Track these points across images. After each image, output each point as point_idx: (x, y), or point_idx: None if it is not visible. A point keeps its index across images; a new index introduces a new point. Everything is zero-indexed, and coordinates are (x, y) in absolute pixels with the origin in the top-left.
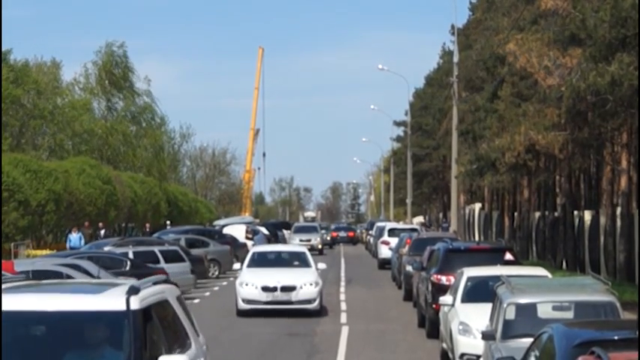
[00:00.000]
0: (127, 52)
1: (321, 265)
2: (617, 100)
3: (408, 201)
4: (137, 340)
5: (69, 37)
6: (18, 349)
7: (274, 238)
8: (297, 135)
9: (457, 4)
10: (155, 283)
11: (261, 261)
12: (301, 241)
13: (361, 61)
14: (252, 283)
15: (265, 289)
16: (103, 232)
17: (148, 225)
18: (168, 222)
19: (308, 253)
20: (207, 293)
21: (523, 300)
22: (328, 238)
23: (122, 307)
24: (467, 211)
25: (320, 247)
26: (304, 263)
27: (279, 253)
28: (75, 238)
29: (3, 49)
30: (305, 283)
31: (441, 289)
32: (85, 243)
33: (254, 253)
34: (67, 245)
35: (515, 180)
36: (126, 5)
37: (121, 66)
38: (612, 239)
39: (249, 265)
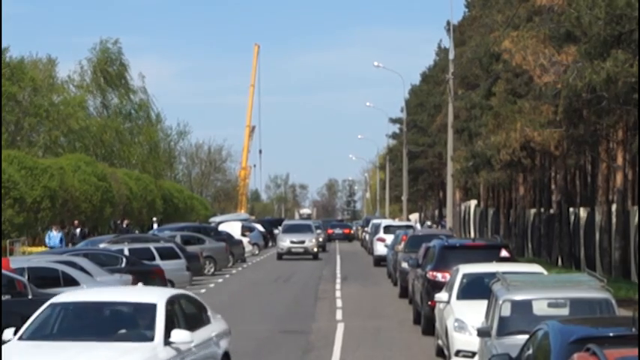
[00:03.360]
0: (122, 49)
1: (180, 337)
2: (613, 98)
3: (404, 198)
4: None
5: (65, 34)
6: None
7: (270, 235)
8: (292, 132)
9: (453, 1)
10: None
11: (63, 326)
12: (292, 242)
13: (357, 58)
14: None
15: None
16: (78, 230)
17: (126, 221)
18: (154, 219)
19: (161, 308)
20: (203, 290)
21: (518, 297)
22: (321, 240)
23: None
24: (462, 208)
25: (315, 250)
26: (145, 327)
27: (100, 307)
28: (55, 236)
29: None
30: None
31: (436, 286)
32: (66, 243)
33: (51, 306)
34: (47, 242)
35: (510, 177)
36: (122, 2)
37: (116, 63)
38: (608, 236)
39: (31, 336)
